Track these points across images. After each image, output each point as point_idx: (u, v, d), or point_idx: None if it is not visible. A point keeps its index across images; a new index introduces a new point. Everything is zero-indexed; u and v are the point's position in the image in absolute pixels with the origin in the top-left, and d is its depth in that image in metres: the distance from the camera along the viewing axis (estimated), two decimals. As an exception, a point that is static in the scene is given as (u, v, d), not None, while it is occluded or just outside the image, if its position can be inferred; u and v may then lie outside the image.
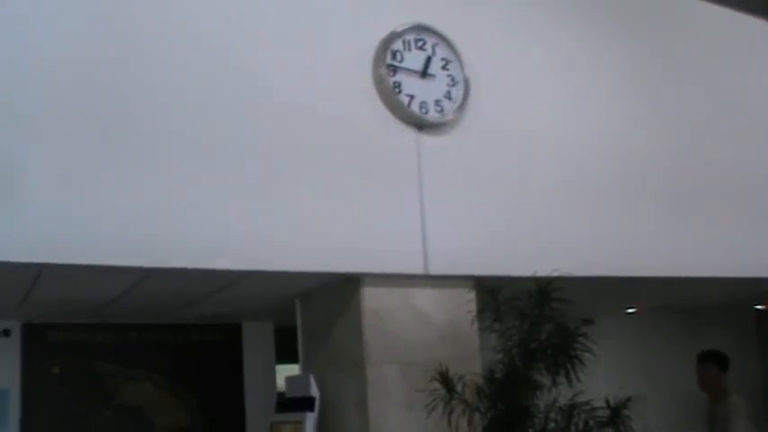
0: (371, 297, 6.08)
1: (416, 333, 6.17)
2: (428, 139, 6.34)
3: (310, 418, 6.15)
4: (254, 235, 5.55)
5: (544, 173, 6.84)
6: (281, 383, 8.15)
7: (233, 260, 5.50)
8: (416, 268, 6.08)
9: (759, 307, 13.17)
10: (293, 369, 7.36)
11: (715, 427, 6.48)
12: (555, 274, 5.41)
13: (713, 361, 6.63)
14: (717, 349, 6.73)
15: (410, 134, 6.29)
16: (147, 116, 5.34)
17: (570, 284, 5.44)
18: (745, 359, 13.66)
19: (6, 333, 8.11)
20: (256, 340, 9.16)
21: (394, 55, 6.27)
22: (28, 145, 4.92)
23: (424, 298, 6.25)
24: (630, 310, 11.14)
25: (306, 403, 6.25)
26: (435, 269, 6.12)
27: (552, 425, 5.34)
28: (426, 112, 6.29)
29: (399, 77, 6.27)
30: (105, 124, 5.18)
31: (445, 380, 5.51)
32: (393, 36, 6.29)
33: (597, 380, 5.42)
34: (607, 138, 7.32)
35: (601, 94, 7.48)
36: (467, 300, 6.04)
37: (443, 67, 6.49)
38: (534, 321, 5.39)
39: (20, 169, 4.83)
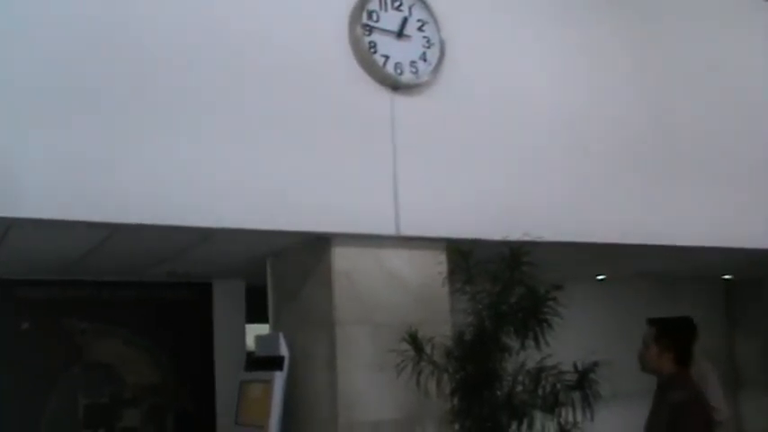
0: (342, 257, 6.08)
1: (387, 294, 6.18)
2: (402, 101, 6.31)
3: (279, 377, 6.15)
4: (224, 192, 5.52)
5: (518, 137, 6.84)
6: (250, 343, 8.16)
7: (203, 217, 5.48)
8: (388, 229, 6.08)
9: (728, 277, 13.30)
10: (263, 329, 7.36)
11: None
12: (526, 238, 5.43)
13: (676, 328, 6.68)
14: (686, 316, 6.77)
15: (384, 95, 6.25)
16: (117, 69, 5.28)
17: (541, 249, 5.47)
18: (714, 328, 13.82)
19: (-26, 287, 8.07)
20: (227, 299, 9.13)
21: (370, 15, 6.22)
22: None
23: (395, 259, 6.25)
24: (601, 277, 11.21)
25: (275, 362, 6.26)
26: (407, 230, 6.12)
27: (520, 388, 5.38)
28: (401, 74, 6.25)
29: (375, 37, 6.22)
30: (73, 76, 5.13)
31: (415, 341, 5.54)
32: (370, -5, 6.24)
33: (566, 345, 5.46)
34: (583, 104, 7.31)
35: (579, 60, 7.46)
36: (438, 262, 6.05)
37: (419, 29, 6.45)
38: (505, 284, 5.41)
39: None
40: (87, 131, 5.12)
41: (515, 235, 5.54)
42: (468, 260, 5.48)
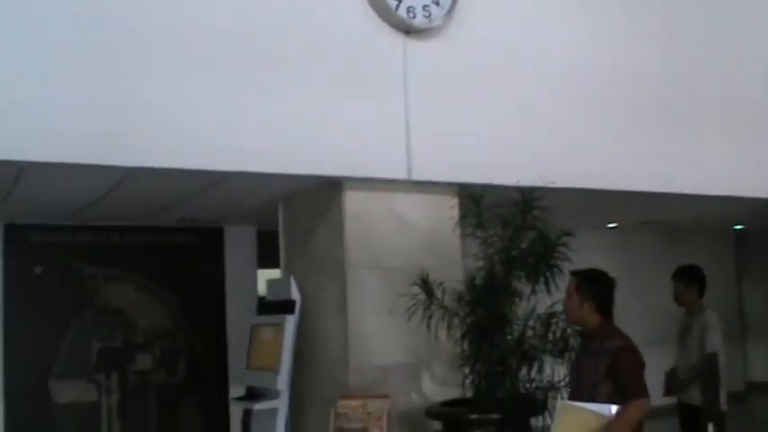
0: (353, 201, 6.08)
1: (398, 238, 6.19)
2: (415, 45, 6.25)
3: (290, 321, 6.18)
4: (236, 136, 5.50)
5: (531, 83, 6.77)
6: (261, 288, 8.20)
7: (215, 161, 5.47)
8: (399, 173, 6.06)
9: (739, 227, 13.29)
10: (274, 274, 7.39)
11: (688, 338, 6.56)
12: (538, 183, 5.41)
13: (686, 277, 6.68)
14: (692, 265, 6.76)
15: (397, 39, 6.19)
16: (125, 14, 5.23)
17: (553, 195, 5.44)
18: (724, 277, 13.84)
19: (-12, 234, 8.11)
20: (238, 244, 9.19)
21: (383, -43, 6.14)
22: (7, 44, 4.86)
23: (407, 203, 6.25)
24: (612, 225, 11.20)
25: (286, 306, 6.28)
26: (418, 175, 6.11)
27: (530, 332, 5.40)
28: (414, 17, 6.18)
29: (388, -20, 6.14)
30: (87, 28, 5.10)
31: (425, 285, 5.55)
32: (383, -63, 6.15)
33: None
34: (596, 51, 7.23)
35: (592, 6, 7.36)
36: (449, 206, 6.04)
37: (432, -28, 6.36)
38: (516, 229, 5.40)
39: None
40: (100, 76, 5.09)
41: (527, 180, 5.50)
42: (480, 205, 5.46)
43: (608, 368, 4.47)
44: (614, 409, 4.23)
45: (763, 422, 12.61)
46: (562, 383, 5.26)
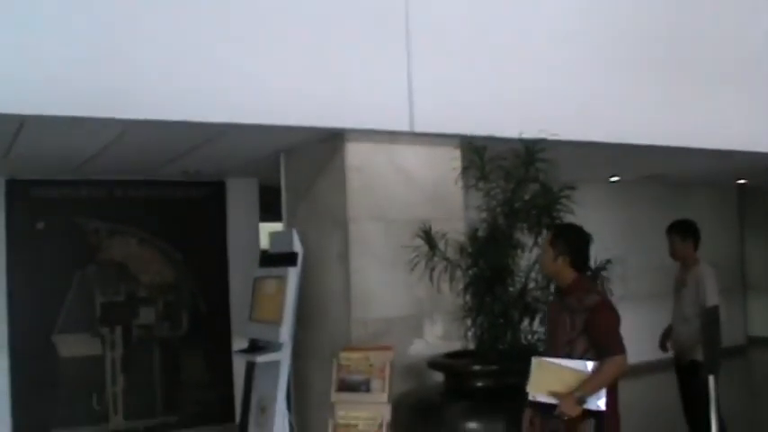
0: (355, 153, 6.07)
1: (400, 190, 6.18)
2: (417, -5, 6.18)
3: (293, 273, 6.19)
4: (238, 88, 5.45)
5: (536, 34, 6.70)
6: (264, 242, 8.20)
7: (216, 113, 5.42)
8: (402, 125, 6.02)
9: (741, 181, 13.26)
10: (276, 228, 7.39)
11: (683, 292, 6.59)
12: (542, 135, 5.37)
13: (682, 231, 6.68)
14: (686, 219, 6.75)
15: (399, -10, 6.12)
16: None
17: (556, 148, 5.41)
18: (726, 232, 13.85)
19: (-11, 189, 8.11)
20: (240, 197, 9.20)
21: None
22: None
23: (409, 155, 6.23)
24: (614, 179, 11.17)
25: (289, 258, 6.28)
26: (421, 127, 6.06)
27: (532, 284, 5.39)
28: (416, -33, 6.11)
29: None
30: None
31: (428, 237, 5.54)
32: None
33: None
34: (604, 3, 7.14)
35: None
36: (451, 158, 6.02)
37: None
38: (519, 181, 5.36)
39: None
40: (100, 29, 5.04)
41: (530, 132, 5.46)
42: (482, 157, 5.43)
43: (584, 324, 4.36)
44: (591, 365, 4.23)
45: (763, 375, 12.70)
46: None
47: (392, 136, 6.10)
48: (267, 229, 7.99)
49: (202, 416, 8.82)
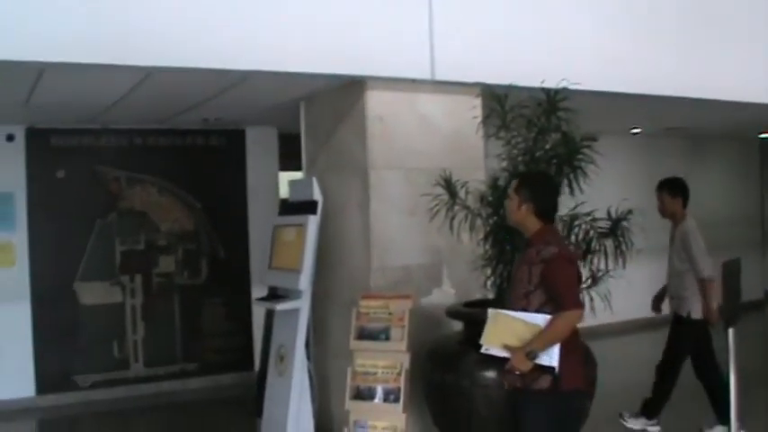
0: (376, 101, 6.03)
1: (420, 139, 6.16)
2: (440, -58, 6.10)
3: (312, 221, 6.18)
4: (258, 35, 5.44)
5: (559, -18, 6.64)
6: (283, 191, 8.20)
7: (236, 60, 5.41)
8: (423, 73, 5.99)
9: (763, 136, 13.14)
10: (296, 177, 7.38)
11: (672, 247, 6.65)
12: (564, 85, 5.32)
13: (671, 188, 6.68)
14: (674, 177, 6.74)
15: (422, -64, 6.05)
16: None
17: (578, 97, 5.35)
18: (747, 187, 13.76)
19: (10, 138, 8.13)
20: (260, 145, 9.20)
21: None
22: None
23: (430, 104, 6.20)
24: (636, 131, 11.09)
25: (308, 207, 6.27)
26: (442, 75, 6.03)
27: (552, 234, 5.37)
28: None
29: None
30: None
31: (449, 186, 5.53)
32: None
33: (599, 195, 5.42)
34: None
35: None
36: (472, 106, 5.97)
37: None
38: (540, 130, 5.32)
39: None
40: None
41: (552, 82, 5.41)
42: (504, 105, 5.39)
43: (541, 276, 4.23)
44: (546, 319, 4.15)
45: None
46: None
47: (413, 84, 6.06)
48: (287, 177, 7.98)
49: (221, 363, 8.91)
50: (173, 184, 8.71)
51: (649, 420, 6.65)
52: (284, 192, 7.80)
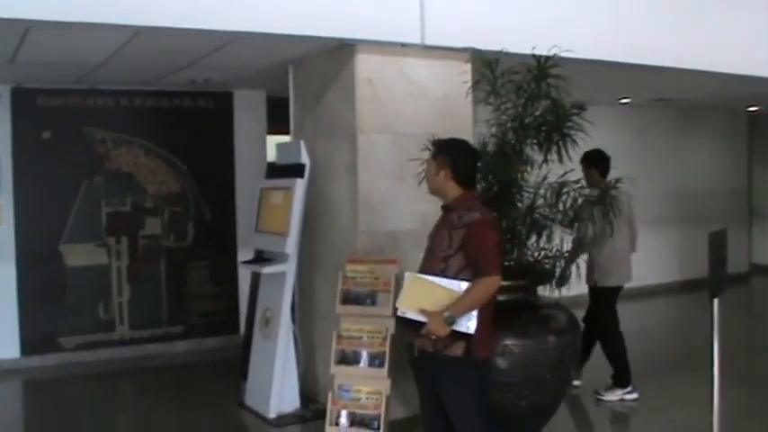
0: (365, 65, 6.00)
1: (409, 103, 6.13)
2: None
3: (300, 185, 6.17)
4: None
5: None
6: (271, 155, 8.17)
7: (225, 21, 5.36)
8: (413, 37, 5.95)
9: (752, 109, 13.14)
10: (283, 141, 7.35)
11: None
12: (555, 51, 5.29)
13: (587, 160, 6.69)
14: (594, 149, 6.72)
15: None
16: None
17: (569, 65, 5.32)
18: (735, 159, 13.80)
19: (-4, 97, 8.05)
20: (248, 108, 9.14)
21: None
22: None
23: (419, 68, 6.16)
24: (625, 101, 11.07)
25: (296, 170, 6.26)
26: (432, 39, 5.99)
27: (541, 201, 5.36)
28: None
29: None
30: None
31: (436, 151, 5.49)
32: None
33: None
34: None
35: None
36: (462, 71, 5.94)
37: None
38: (530, 97, 5.31)
39: None
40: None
41: (543, 49, 5.37)
42: (494, 71, 5.36)
43: (462, 241, 4.20)
44: (464, 285, 4.12)
45: (764, 301, 12.80)
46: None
47: (403, 48, 6.02)
48: (274, 141, 7.94)
49: (207, 326, 8.92)
50: (160, 146, 8.64)
51: (624, 389, 6.69)
52: (272, 156, 7.76)
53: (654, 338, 8.58)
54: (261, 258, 6.62)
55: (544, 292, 5.48)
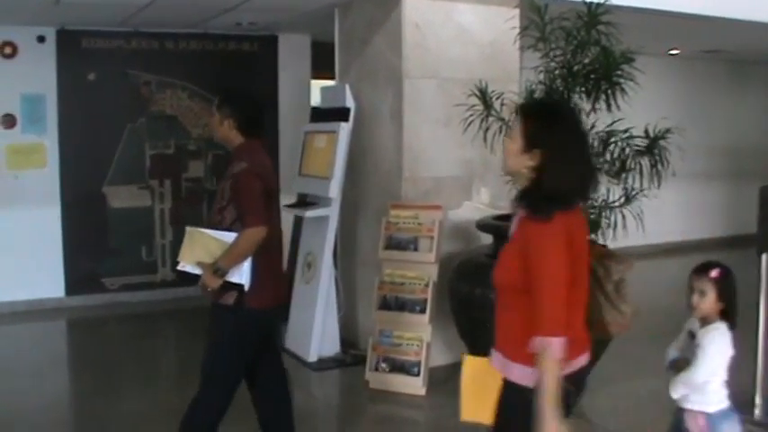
0: (413, 9, 5.93)
1: (456, 49, 6.06)
2: None
3: (344, 129, 6.14)
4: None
5: None
6: (315, 100, 8.13)
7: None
8: (462, -19, 5.87)
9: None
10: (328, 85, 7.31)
11: None
12: (605, -1, 5.20)
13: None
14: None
15: None
16: None
17: (619, 13, 5.22)
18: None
19: (41, 39, 8.05)
20: (293, 52, 9.07)
21: None
22: None
23: (467, 13, 6.08)
24: (674, 52, 10.88)
25: (341, 114, 6.22)
26: (479, -18, 5.91)
27: (588, 150, 5.29)
28: None
29: None
30: None
31: (483, 97, 5.44)
32: None
33: (636, 114, 5.33)
34: None
35: None
36: (510, 17, 5.85)
37: None
38: (579, 44, 5.21)
39: None
40: None
41: (594, -5, 5.28)
42: (543, 17, 5.26)
43: (231, 191, 4.10)
44: (234, 236, 4.04)
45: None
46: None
47: (451, -7, 5.94)
48: (319, 86, 7.89)
49: (249, 269, 8.93)
50: (203, 90, 8.62)
51: None
52: (316, 101, 7.72)
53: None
54: (304, 202, 6.61)
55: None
